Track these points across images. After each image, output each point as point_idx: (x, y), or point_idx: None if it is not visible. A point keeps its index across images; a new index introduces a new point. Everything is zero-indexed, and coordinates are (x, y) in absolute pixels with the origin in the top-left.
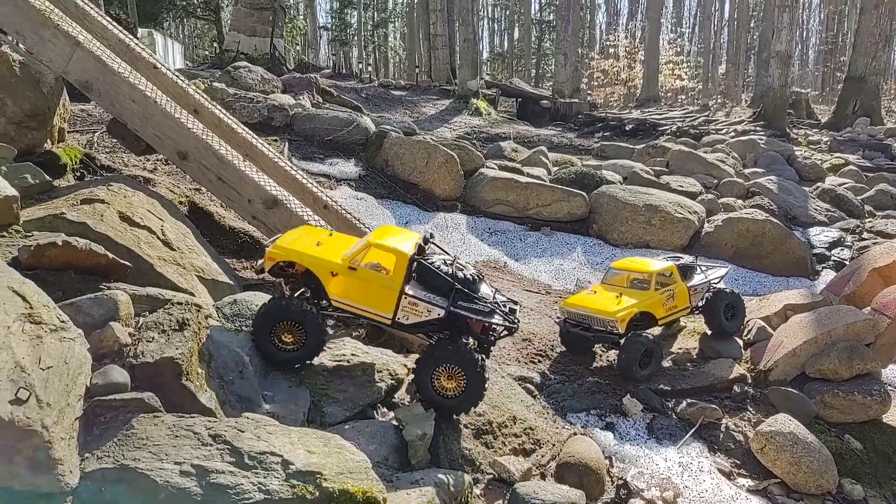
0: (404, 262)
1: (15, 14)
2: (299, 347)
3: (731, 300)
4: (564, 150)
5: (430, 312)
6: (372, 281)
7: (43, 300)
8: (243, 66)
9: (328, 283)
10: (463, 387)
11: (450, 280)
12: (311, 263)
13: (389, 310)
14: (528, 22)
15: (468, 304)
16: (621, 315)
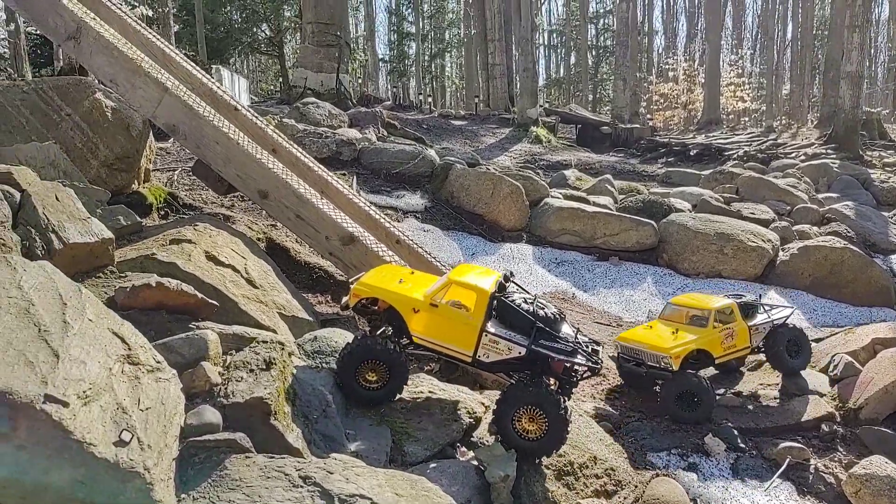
0: (485, 299)
1: (110, 64)
2: (383, 386)
3: (793, 336)
4: (627, 176)
5: (510, 350)
6: (453, 318)
7: (140, 341)
8: (311, 102)
9: (410, 320)
10: (545, 429)
11: (531, 318)
12: (395, 300)
13: (470, 347)
14: (584, 47)
15: (550, 342)
16: (676, 351)
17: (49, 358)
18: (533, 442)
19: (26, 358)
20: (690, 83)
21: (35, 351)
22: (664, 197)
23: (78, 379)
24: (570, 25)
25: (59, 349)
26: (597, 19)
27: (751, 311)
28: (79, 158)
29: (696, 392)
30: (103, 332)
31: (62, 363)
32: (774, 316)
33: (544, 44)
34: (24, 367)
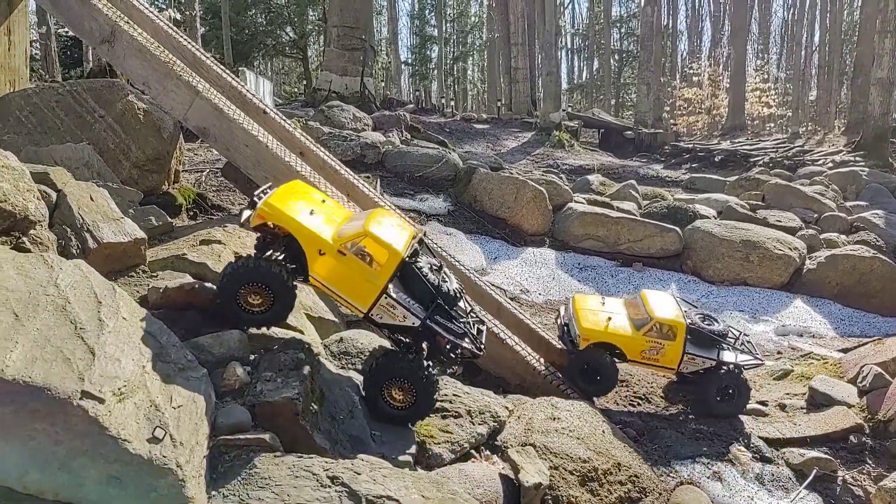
0: (395, 261)
1: (143, 67)
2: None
3: (731, 383)
4: (651, 181)
5: (405, 319)
6: (357, 271)
7: (172, 340)
8: (336, 105)
9: (313, 261)
10: (413, 399)
11: (433, 292)
12: (302, 236)
13: (366, 305)
14: (607, 51)
15: (444, 320)
16: (586, 334)
17: (85, 355)
18: (401, 410)
19: (63, 355)
20: (715, 88)
21: (72, 348)
22: (689, 203)
23: (113, 376)
24: (594, 29)
25: (95, 347)
26: (620, 23)
27: (707, 341)
28: (111, 159)
29: (598, 369)
30: (137, 331)
31: (98, 360)
32: (741, 359)
33: (567, 47)
34: (62, 364)
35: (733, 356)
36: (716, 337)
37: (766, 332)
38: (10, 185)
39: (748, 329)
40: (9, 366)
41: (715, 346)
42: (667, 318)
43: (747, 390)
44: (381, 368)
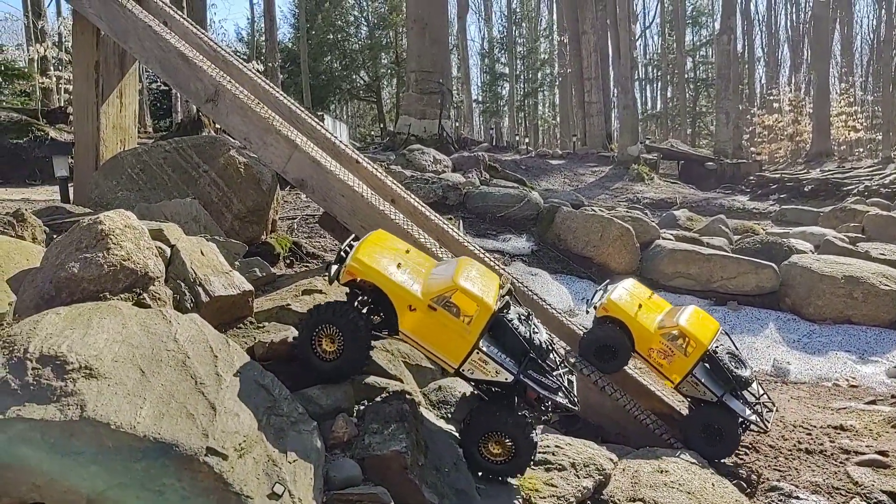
0: (486, 315)
1: (244, 123)
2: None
3: (718, 422)
4: (737, 214)
5: (497, 374)
6: (448, 326)
7: (283, 392)
8: (417, 149)
9: (403, 316)
10: (511, 453)
11: (526, 346)
12: (392, 292)
13: (458, 360)
14: (682, 81)
15: (538, 375)
16: (609, 305)
17: (207, 410)
18: (501, 465)
19: (187, 410)
20: (797, 113)
21: (194, 403)
22: (783, 237)
23: (234, 431)
24: (667, 58)
25: (216, 402)
26: (694, 51)
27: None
28: (215, 212)
29: (614, 346)
30: (251, 384)
31: (219, 416)
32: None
33: (640, 77)
34: (186, 420)
35: (740, 408)
36: (731, 379)
37: (877, 374)
38: (133, 244)
39: (856, 371)
40: (140, 422)
41: (726, 387)
42: (691, 333)
43: (734, 444)
44: (477, 423)
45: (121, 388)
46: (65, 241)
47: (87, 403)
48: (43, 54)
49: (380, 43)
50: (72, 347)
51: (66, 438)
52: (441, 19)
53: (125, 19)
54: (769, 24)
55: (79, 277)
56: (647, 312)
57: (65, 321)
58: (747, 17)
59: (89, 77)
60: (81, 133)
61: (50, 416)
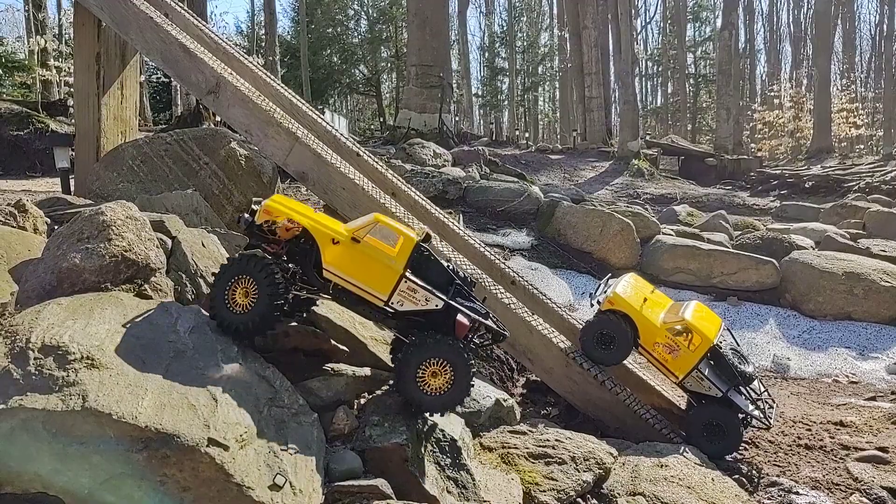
0: (410, 245)
1: (245, 115)
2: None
3: (720, 419)
4: (737, 210)
5: (427, 302)
6: (374, 257)
7: (285, 384)
8: (417, 143)
9: (326, 251)
10: (451, 382)
11: (451, 274)
12: (313, 227)
13: (386, 291)
14: (682, 76)
15: (466, 301)
16: (615, 299)
17: (209, 401)
18: (437, 397)
19: (188, 401)
20: (797, 110)
21: (196, 394)
22: (784, 233)
23: (235, 422)
24: (667, 54)
25: (217, 393)
26: (695, 47)
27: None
28: (215, 205)
29: (613, 334)
30: (252, 375)
31: (220, 407)
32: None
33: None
34: (188, 411)
35: (744, 403)
36: (735, 374)
37: (877, 371)
38: (134, 235)
39: (856, 367)
40: (141, 413)
41: (730, 383)
42: (696, 327)
43: (737, 441)
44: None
45: (122, 379)
46: (66, 231)
47: (89, 393)
48: (43, 46)
49: (379, 37)
50: (73, 338)
51: (68, 428)
52: (442, 13)
53: (126, 10)
54: (771, 19)
55: (80, 268)
56: (651, 307)
57: (66, 311)
58: (749, 13)
59: (90, 68)
60: (82, 124)
61: (52, 405)
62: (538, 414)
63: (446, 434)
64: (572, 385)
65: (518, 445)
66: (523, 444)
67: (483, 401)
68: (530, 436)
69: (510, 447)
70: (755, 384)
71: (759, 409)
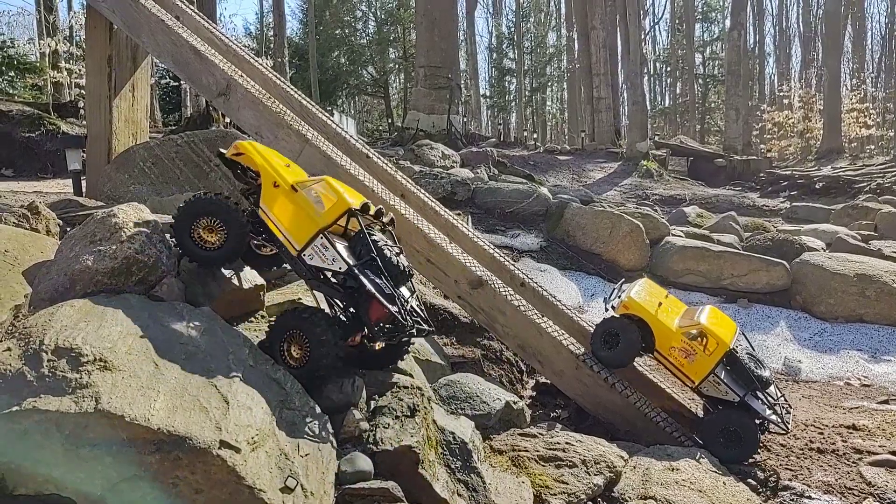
0: (342, 207)
1: (255, 117)
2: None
3: (742, 429)
4: (747, 211)
5: (333, 262)
6: (303, 208)
7: (296, 386)
8: (426, 144)
9: (266, 191)
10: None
11: (370, 246)
12: (262, 168)
13: (301, 242)
14: (691, 76)
15: (375, 277)
16: (630, 303)
17: (220, 404)
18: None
19: (200, 403)
20: (807, 110)
21: (207, 396)
22: (794, 235)
23: (246, 425)
24: (676, 54)
25: (228, 395)
26: (703, 47)
27: (740, 377)
28: None
29: (619, 334)
30: (263, 378)
31: (232, 409)
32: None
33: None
34: (200, 413)
35: (762, 408)
36: (753, 379)
37: (890, 374)
38: (146, 237)
39: (868, 370)
40: (154, 415)
41: (747, 388)
42: (713, 332)
43: (753, 447)
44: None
45: (135, 381)
46: (79, 233)
47: (102, 396)
48: (54, 48)
49: (387, 38)
50: (86, 340)
51: (81, 430)
52: (450, 14)
53: (138, 13)
54: (780, 19)
55: (93, 270)
56: (666, 311)
57: (79, 313)
58: (759, 13)
59: (102, 71)
60: (93, 126)
61: (65, 407)
62: (548, 416)
63: (456, 436)
64: (582, 388)
65: (528, 448)
66: (534, 447)
67: (493, 403)
68: (540, 439)
69: (520, 450)
70: (771, 389)
71: (777, 414)
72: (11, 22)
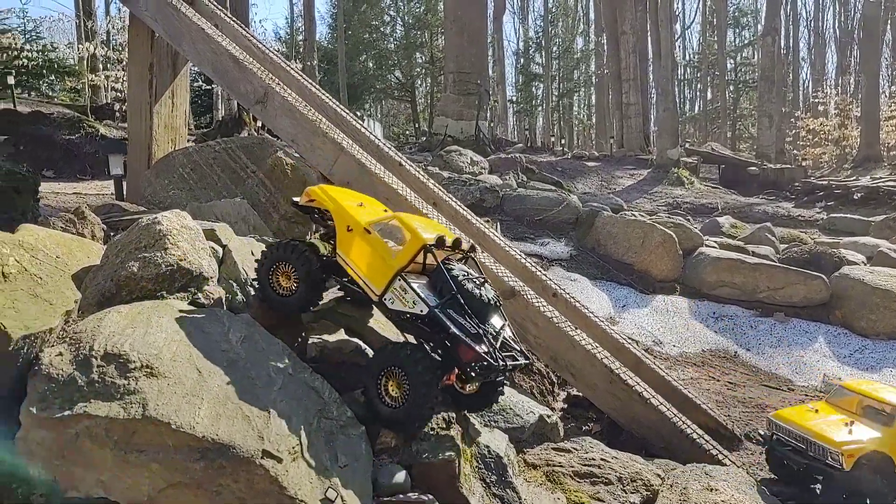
0: (416, 245)
1: (292, 125)
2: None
3: None
4: (782, 221)
5: (414, 305)
6: (378, 250)
7: (333, 395)
8: (454, 150)
9: (341, 236)
10: (406, 395)
11: (451, 285)
12: (336, 212)
13: (380, 286)
14: (722, 82)
15: (458, 317)
16: (849, 448)
17: (262, 413)
18: (393, 409)
19: (242, 412)
20: (843, 117)
21: (249, 405)
22: (833, 247)
23: (287, 434)
24: (707, 60)
25: (269, 404)
26: (735, 52)
27: None
28: (262, 213)
29: (870, 497)
30: (302, 386)
31: (273, 418)
32: None
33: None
34: (242, 422)
35: None
36: None
37: None
38: (189, 245)
39: None
40: (198, 422)
41: None
42: None
43: None
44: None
45: (180, 388)
46: (125, 240)
47: (149, 402)
48: (92, 52)
49: (415, 43)
50: (133, 346)
51: (129, 436)
52: (480, 21)
53: (179, 22)
54: (815, 24)
55: (138, 276)
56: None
57: (126, 319)
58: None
59: (143, 78)
60: (135, 132)
61: (114, 413)
62: (580, 430)
63: (491, 450)
64: (616, 402)
65: (563, 463)
66: (568, 463)
67: (527, 416)
68: (575, 454)
69: (555, 465)
70: None
71: None
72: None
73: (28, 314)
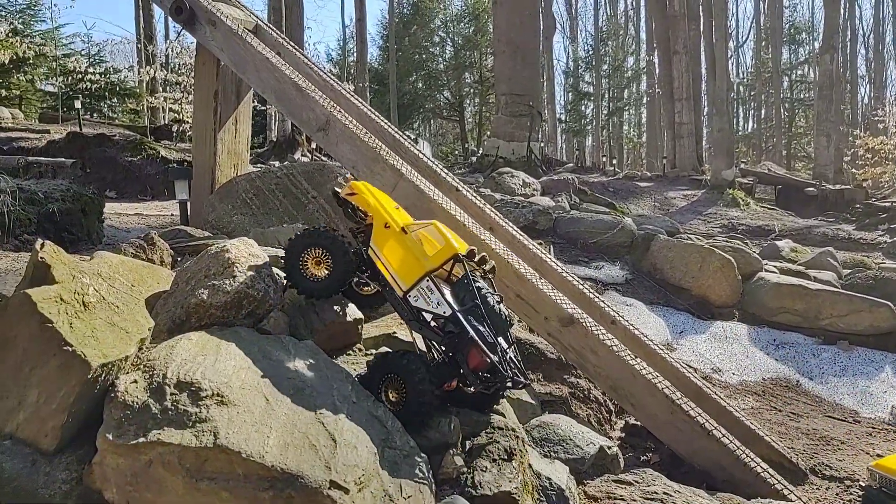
0: (449, 252)
1: (352, 152)
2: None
3: None
4: (842, 244)
5: (438, 306)
6: (411, 250)
7: (396, 425)
8: (507, 172)
9: (377, 232)
10: (403, 399)
11: (475, 293)
12: (375, 211)
13: (409, 282)
14: (777, 101)
15: (478, 324)
16: None
17: (328, 442)
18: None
19: (309, 441)
20: None
21: (315, 434)
22: None
23: (353, 464)
24: (761, 77)
25: (335, 433)
26: (790, 70)
27: None
28: None
29: None
30: (366, 415)
31: (339, 448)
32: None
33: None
34: (309, 451)
35: None
36: None
37: None
38: (255, 272)
39: None
40: (268, 451)
41: None
42: None
43: None
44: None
45: (249, 416)
46: (194, 267)
47: (220, 430)
48: (153, 75)
49: (464, 63)
50: (205, 374)
51: (201, 464)
52: (533, 43)
53: (245, 51)
54: (875, 41)
55: (207, 304)
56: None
57: (197, 347)
58: (851, 36)
59: (208, 105)
60: (199, 157)
61: (187, 441)
62: (637, 460)
63: (553, 482)
64: (677, 433)
65: (625, 497)
66: (630, 496)
67: (587, 447)
68: (637, 486)
69: (616, 498)
70: None
71: None
72: (114, 50)
73: (106, 343)
